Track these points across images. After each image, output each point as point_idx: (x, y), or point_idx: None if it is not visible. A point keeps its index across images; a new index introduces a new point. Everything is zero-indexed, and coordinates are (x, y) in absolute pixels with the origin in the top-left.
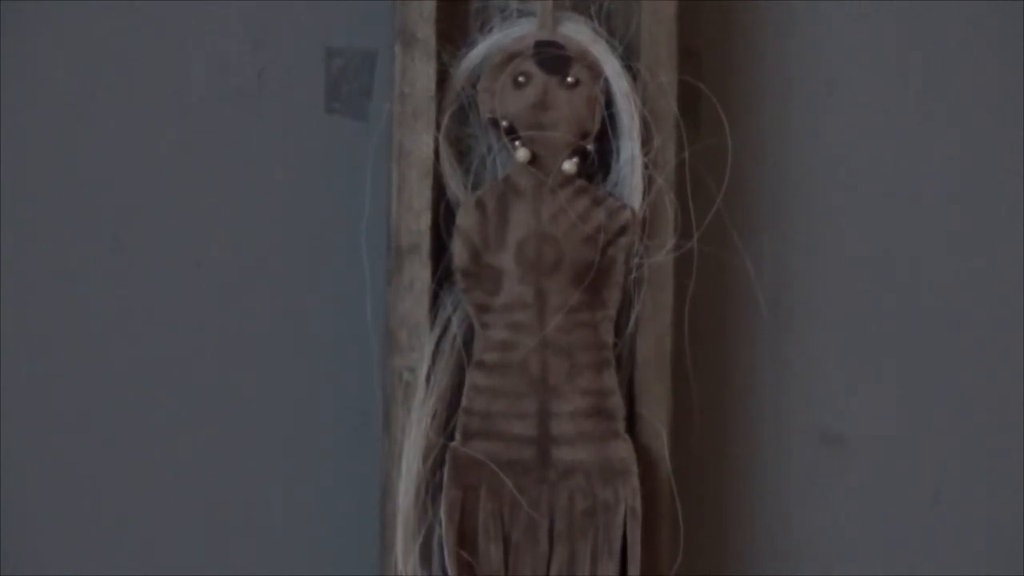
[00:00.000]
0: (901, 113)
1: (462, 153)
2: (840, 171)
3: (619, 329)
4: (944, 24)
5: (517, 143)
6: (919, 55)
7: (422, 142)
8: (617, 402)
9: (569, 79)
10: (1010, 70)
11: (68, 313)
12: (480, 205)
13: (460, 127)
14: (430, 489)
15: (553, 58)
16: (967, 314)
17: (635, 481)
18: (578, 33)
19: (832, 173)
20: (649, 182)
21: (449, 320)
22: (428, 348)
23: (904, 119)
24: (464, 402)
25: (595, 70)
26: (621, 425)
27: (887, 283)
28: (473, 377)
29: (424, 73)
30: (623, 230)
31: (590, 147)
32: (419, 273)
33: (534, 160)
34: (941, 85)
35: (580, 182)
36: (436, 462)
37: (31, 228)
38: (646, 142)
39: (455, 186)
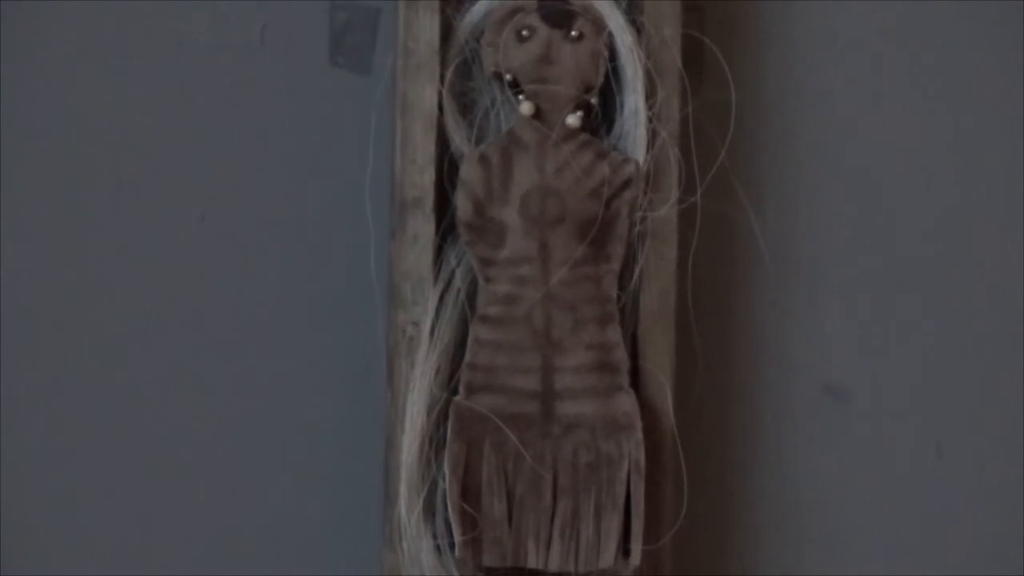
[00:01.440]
0: (904, 65)
1: (466, 107)
2: (844, 124)
3: (623, 283)
4: None
5: (521, 97)
6: (922, 6)
7: (426, 96)
8: (621, 356)
9: (573, 33)
10: (1015, 22)
11: (72, 266)
12: (484, 159)
13: (464, 81)
14: (434, 443)
15: (557, 12)
16: (971, 267)
17: (639, 435)
18: None
19: (835, 126)
20: (653, 136)
21: (453, 274)
22: (432, 302)
23: (907, 71)
24: (468, 356)
25: (599, 24)
26: (625, 379)
27: (891, 236)
28: (477, 331)
29: (428, 27)
30: (627, 184)
31: (594, 101)
32: (423, 227)
33: (538, 114)
34: (944, 37)
35: (584, 136)
36: (440, 416)
37: (33, 179)
38: (650, 96)
39: (459, 140)
